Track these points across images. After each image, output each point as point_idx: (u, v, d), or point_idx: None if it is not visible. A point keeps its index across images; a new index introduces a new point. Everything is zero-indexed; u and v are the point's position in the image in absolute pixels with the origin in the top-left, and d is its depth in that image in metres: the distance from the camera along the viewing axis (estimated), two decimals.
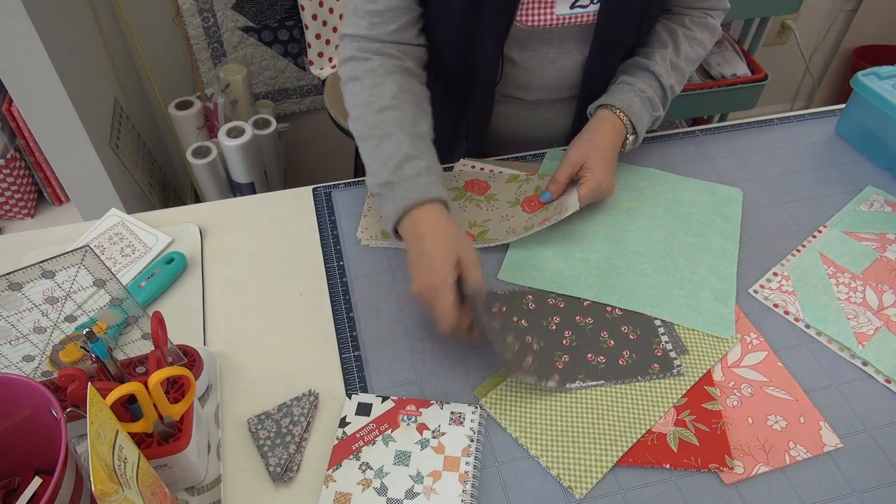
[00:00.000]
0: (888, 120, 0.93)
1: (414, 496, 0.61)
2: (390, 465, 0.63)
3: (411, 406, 0.68)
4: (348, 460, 0.63)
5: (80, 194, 1.39)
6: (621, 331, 0.75)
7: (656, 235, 0.85)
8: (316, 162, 2.13)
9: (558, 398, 0.68)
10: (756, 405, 0.68)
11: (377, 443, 0.65)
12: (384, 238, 0.84)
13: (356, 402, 0.68)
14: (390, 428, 0.66)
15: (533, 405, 0.68)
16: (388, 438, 0.65)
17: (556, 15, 0.81)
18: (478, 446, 0.65)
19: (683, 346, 0.73)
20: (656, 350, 0.73)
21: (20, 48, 1.14)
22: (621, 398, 0.68)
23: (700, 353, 0.72)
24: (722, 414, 0.67)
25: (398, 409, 0.67)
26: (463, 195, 0.90)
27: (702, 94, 1.77)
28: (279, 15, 1.74)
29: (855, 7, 2.27)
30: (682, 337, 0.74)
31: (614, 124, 0.86)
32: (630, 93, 0.87)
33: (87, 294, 0.58)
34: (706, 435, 0.65)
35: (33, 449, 0.57)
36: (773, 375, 0.71)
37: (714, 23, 0.92)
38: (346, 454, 0.64)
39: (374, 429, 0.66)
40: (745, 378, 0.71)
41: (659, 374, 0.70)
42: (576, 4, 0.81)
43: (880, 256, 0.83)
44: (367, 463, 0.63)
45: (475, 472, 0.63)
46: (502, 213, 0.87)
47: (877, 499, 0.62)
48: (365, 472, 0.63)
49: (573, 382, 0.70)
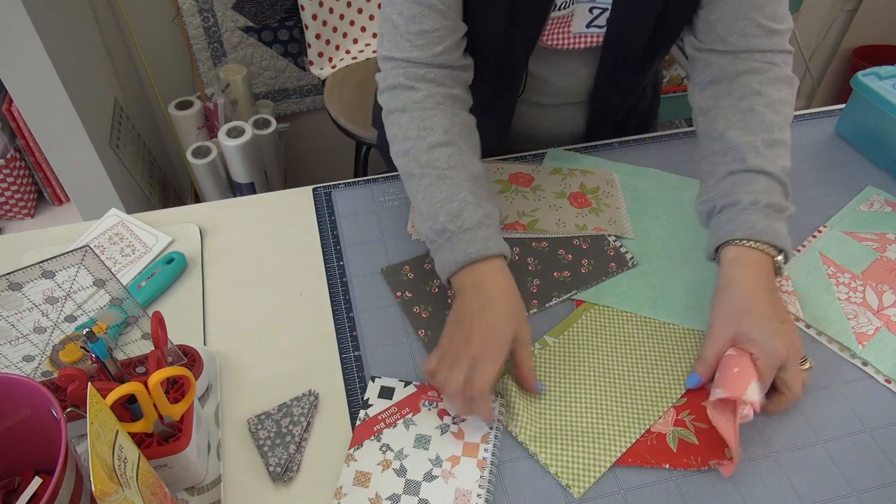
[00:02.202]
0: (888, 120, 0.93)
1: (432, 479, 0.62)
2: (410, 447, 0.64)
3: (433, 392, 0.69)
4: (369, 441, 0.65)
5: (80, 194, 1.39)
6: (574, 244, 0.83)
7: (656, 236, 0.85)
8: (316, 162, 2.13)
9: (557, 396, 0.68)
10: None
11: (398, 426, 0.66)
12: None
13: (379, 385, 0.69)
14: (411, 412, 0.67)
15: (532, 402, 0.68)
16: (409, 422, 0.66)
17: (572, 34, 0.82)
18: (497, 434, 0.65)
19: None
20: (609, 251, 0.82)
21: (20, 48, 1.14)
22: (621, 398, 0.68)
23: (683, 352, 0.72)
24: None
25: (420, 393, 0.68)
26: (508, 188, 0.91)
27: None
28: (279, 15, 1.74)
29: (855, 7, 2.27)
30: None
31: (747, 261, 0.69)
32: (743, 215, 0.70)
33: (87, 294, 0.58)
34: (706, 433, 0.65)
35: (33, 449, 0.57)
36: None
37: (783, 71, 0.77)
38: (368, 435, 0.65)
39: (396, 412, 0.67)
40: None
41: (616, 271, 0.80)
42: (592, 24, 0.82)
43: (880, 256, 0.83)
44: (388, 444, 0.64)
45: (493, 458, 0.63)
46: (549, 203, 0.88)
47: (877, 499, 0.62)
48: (385, 453, 0.64)
49: (550, 301, 0.77)
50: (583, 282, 0.79)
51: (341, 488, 0.61)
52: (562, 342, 0.74)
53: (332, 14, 1.65)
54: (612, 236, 0.84)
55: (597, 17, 0.81)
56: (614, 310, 0.77)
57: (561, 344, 0.73)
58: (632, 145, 1.00)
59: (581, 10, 0.80)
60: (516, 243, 0.83)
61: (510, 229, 0.85)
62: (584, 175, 0.93)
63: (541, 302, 0.77)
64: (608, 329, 0.75)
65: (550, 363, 0.72)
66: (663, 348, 0.73)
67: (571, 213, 0.87)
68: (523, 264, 0.81)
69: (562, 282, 0.79)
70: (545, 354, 0.72)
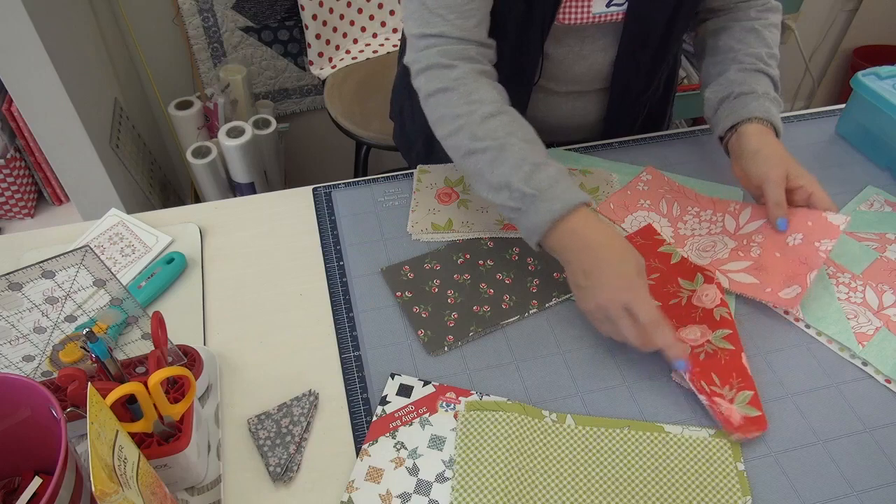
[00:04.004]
0: (888, 120, 0.93)
1: (444, 480, 0.62)
2: (424, 447, 0.64)
3: (451, 393, 0.68)
4: (384, 437, 0.65)
5: (80, 194, 1.39)
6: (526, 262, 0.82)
7: None
8: (316, 162, 2.13)
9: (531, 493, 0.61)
10: (774, 237, 0.79)
11: (414, 424, 0.66)
12: (434, 230, 0.85)
13: (398, 382, 0.69)
14: (428, 412, 0.67)
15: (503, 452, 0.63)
16: (426, 422, 0.66)
17: (592, 13, 0.82)
18: None
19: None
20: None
21: (20, 48, 1.14)
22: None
23: None
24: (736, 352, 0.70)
25: (438, 394, 0.68)
26: None
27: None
28: (279, 15, 1.74)
29: (855, 7, 2.27)
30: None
31: (770, 134, 0.83)
32: (760, 101, 0.84)
33: (87, 294, 0.58)
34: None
35: (33, 449, 0.57)
36: (765, 214, 0.81)
37: (775, 3, 0.92)
38: (383, 431, 0.65)
39: (413, 411, 0.67)
40: (750, 232, 0.82)
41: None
42: (612, 3, 0.81)
43: (880, 256, 0.83)
44: (403, 442, 0.64)
45: None
46: None
47: (877, 499, 0.62)
48: (399, 450, 0.64)
49: (550, 301, 0.77)
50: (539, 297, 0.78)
51: (353, 482, 0.61)
52: (582, 432, 0.66)
53: (332, 14, 1.65)
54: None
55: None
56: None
57: (582, 434, 0.66)
58: (632, 145, 1.00)
59: None
60: (516, 243, 0.83)
61: (510, 229, 0.85)
62: (584, 175, 0.93)
63: (541, 302, 0.77)
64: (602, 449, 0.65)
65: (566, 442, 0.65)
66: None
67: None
68: (523, 264, 0.81)
69: (562, 282, 0.79)
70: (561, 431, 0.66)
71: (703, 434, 0.65)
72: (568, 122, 1.00)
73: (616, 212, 0.87)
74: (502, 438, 0.64)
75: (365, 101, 1.60)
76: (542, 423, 0.66)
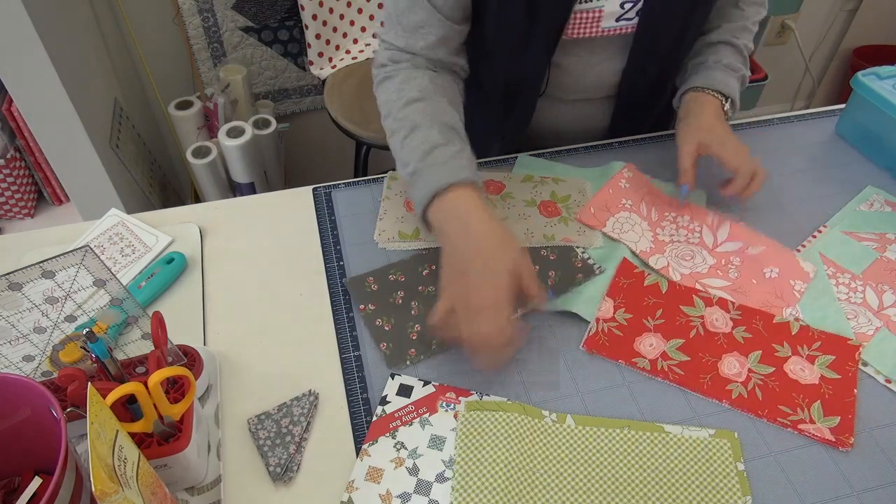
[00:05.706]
0: (888, 120, 0.93)
1: (444, 480, 0.62)
2: (424, 447, 0.64)
3: (451, 393, 0.68)
4: (384, 437, 0.65)
5: (80, 194, 1.39)
6: (541, 255, 0.81)
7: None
8: (316, 162, 2.13)
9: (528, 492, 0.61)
10: (751, 265, 0.80)
11: (414, 424, 0.66)
12: (402, 239, 0.84)
13: (398, 382, 0.69)
14: (428, 412, 0.67)
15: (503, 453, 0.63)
16: (426, 422, 0.66)
17: (601, 27, 0.82)
18: None
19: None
20: (576, 262, 0.81)
21: (20, 48, 1.14)
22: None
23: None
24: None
25: (438, 394, 0.68)
26: None
27: None
28: (279, 15, 1.74)
29: (855, 7, 2.27)
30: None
31: (702, 101, 0.85)
32: (707, 70, 0.87)
33: (87, 294, 0.58)
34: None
35: (33, 449, 0.57)
36: (743, 237, 0.83)
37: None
38: (383, 431, 0.65)
39: (413, 411, 0.67)
40: (728, 253, 0.82)
41: (583, 281, 0.79)
42: (621, 18, 0.82)
43: (880, 256, 0.83)
44: (403, 442, 0.64)
45: None
46: (519, 212, 0.87)
47: (877, 499, 0.62)
48: (399, 450, 0.64)
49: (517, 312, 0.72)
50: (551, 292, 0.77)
51: (353, 482, 0.61)
52: (582, 432, 0.66)
53: (332, 14, 1.65)
54: (580, 248, 0.83)
55: (627, 11, 0.81)
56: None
57: (581, 433, 0.66)
58: (631, 145, 1.00)
59: (611, 6, 0.80)
60: None
61: None
62: (556, 183, 0.91)
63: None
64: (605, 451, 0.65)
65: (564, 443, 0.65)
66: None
67: (540, 223, 0.85)
68: None
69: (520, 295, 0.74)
70: (560, 431, 0.66)
71: (703, 434, 0.65)
72: (574, 129, 1.00)
73: (597, 215, 0.86)
74: (502, 438, 0.64)
75: (365, 101, 1.60)
76: (542, 423, 0.66)
